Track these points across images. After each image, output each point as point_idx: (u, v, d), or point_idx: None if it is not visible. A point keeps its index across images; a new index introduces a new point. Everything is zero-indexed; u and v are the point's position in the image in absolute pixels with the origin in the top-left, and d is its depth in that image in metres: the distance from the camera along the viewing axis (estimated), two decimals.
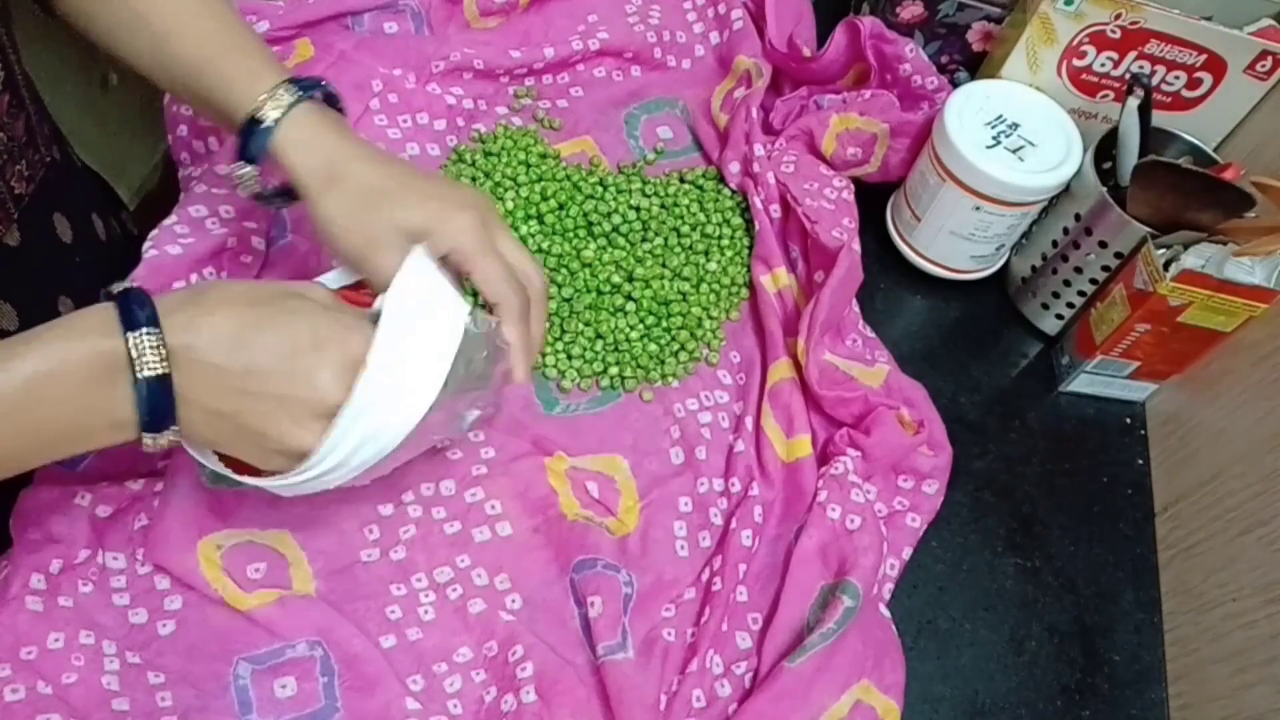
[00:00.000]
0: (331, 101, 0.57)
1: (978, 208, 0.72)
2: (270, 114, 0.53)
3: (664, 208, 0.78)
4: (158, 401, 0.43)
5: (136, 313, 0.43)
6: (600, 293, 0.73)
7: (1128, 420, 0.77)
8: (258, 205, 0.61)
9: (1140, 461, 0.75)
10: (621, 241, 0.75)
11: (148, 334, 0.42)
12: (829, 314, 0.68)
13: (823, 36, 0.85)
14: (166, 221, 0.68)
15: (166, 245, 0.66)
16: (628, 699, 0.55)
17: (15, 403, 0.42)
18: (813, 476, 0.65)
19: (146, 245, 0.66)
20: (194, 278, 0.66)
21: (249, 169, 0.55)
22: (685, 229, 0.76)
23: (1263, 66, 0.73)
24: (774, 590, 0.61)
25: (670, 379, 0.71)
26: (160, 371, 0.43)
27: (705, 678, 0.58)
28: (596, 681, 0.58)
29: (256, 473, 0.49)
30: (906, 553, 0.65)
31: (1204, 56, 0.73)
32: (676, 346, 0.72)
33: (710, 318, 0.74)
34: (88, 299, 0.62)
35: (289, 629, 0.57)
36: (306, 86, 0.54)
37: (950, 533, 0.69)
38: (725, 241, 0.77)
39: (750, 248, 0.77)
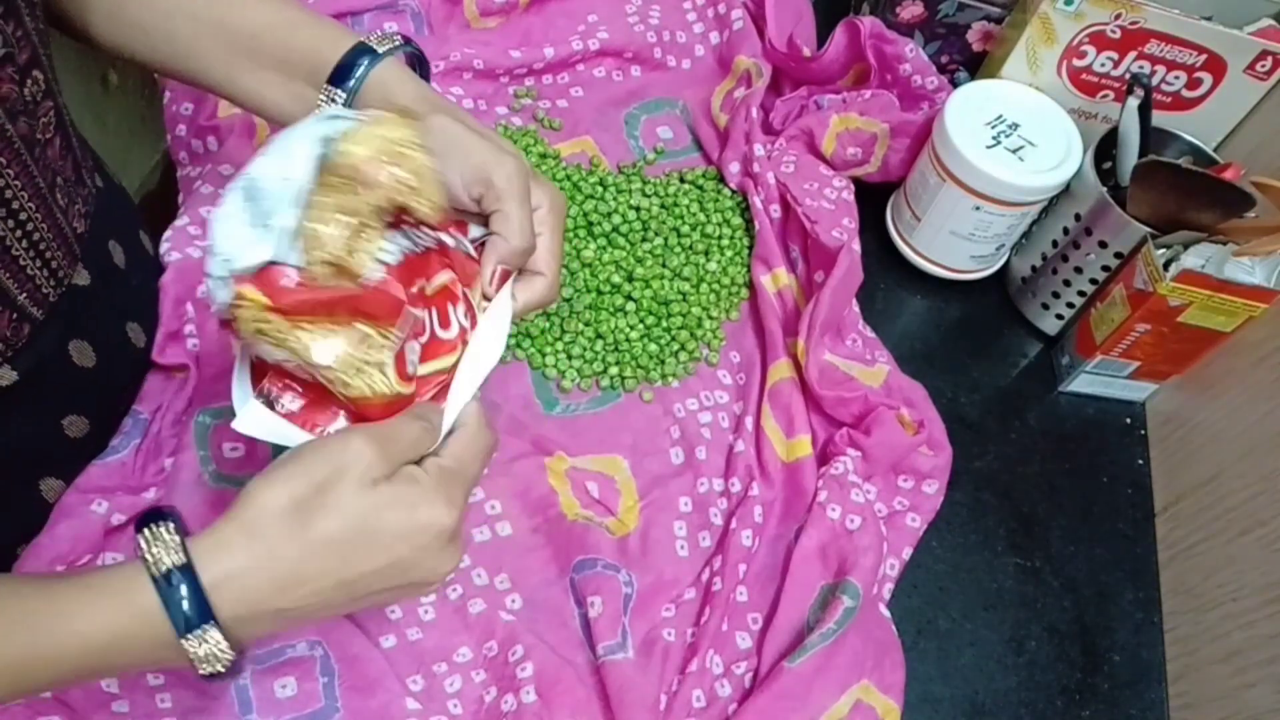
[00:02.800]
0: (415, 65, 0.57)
1: (978, 208, 0.72)
2: (382, 46, 0.53)
3: (664, 208, 0.78)
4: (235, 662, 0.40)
5: (186, 615, 0.38)
6: (600, 293, 0.73)
7: (1128, 420, 0.77)
8: None
9: (1140, 461, 0.75)
10: (621, 241, 0.75)
11: (201, 635, 0.39)
12: (829, 314, 0.68)
13: (823, 36, 0.85)
14: (178, 223, 0.69)
15: (185, 248, 0.67)
16: (628, 699, 0.55)
17: (78, 670, 0.39)
18: (813, 476, 0.65)
19: (165, 247, 0.67)
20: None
21: (340, 93, 0.53)
22: (685, 229, 0.76)
23: (1263, 66, 0.73)
24: (774, 590, 0.62)
25: (670, 379, 0.71)
26: (227, 660, 0.40)
27: (705, 678, 0.58)
28: (596, 681, 0.58)
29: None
30: (906, 553, 0.65)
31: (1204, 56, 0.73)
32: (676, 346, 0.72)
33: (710, 318, 0.74)
34: (152, 321, 0.63)
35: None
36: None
37: (950, 533, 0.69)
38: (725, 241, 0.77)
39: (750, 248, 0.77)
